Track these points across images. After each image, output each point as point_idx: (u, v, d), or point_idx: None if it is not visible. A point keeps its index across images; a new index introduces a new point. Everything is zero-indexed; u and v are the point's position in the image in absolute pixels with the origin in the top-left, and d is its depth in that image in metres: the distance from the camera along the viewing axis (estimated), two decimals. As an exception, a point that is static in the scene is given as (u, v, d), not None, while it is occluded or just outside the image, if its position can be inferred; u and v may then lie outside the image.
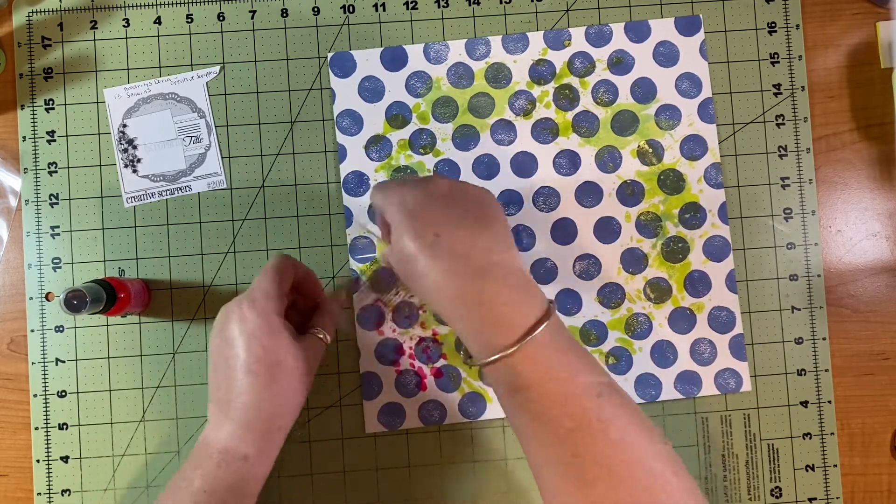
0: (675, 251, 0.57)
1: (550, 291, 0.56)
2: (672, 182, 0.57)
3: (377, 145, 0.57)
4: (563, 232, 0.57)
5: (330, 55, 0.57)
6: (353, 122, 0.57)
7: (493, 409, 0.56)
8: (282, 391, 0.45)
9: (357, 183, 0.56)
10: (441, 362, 0.56)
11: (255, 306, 0.45)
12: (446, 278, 0.41)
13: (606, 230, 0.57)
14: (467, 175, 0.57)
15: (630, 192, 0.57)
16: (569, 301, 0.56)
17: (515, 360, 0.40)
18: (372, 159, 0.56)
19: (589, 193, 0.57)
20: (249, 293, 0.46)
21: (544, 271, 0.56)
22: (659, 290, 0.57)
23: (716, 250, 0.57)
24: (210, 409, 0.46)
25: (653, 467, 0.38)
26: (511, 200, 0.57)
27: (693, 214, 0.57)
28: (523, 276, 0.43)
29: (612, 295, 0.57)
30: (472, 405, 0.56)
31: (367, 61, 0.57)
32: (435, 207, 0.43)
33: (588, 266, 0.57)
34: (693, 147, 0.57)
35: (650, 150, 0.57)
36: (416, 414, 0.55)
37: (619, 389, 0.41)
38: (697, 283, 0.57)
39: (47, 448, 0.55)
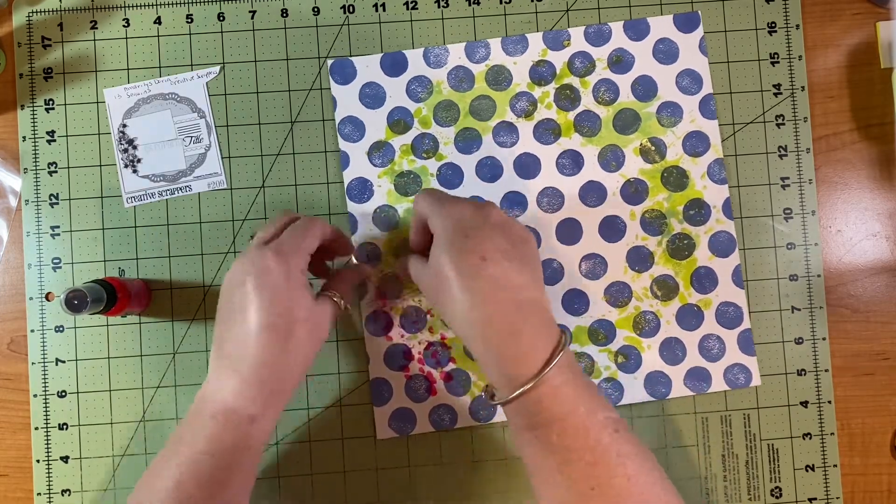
0: (681, 248, 0.57)
1: (557, 292, 0.56)
2: (675, 179, 0.57)
3: (380, 151, 0.57)
4: (568, 232, 0.57)
5: (330, 62, 0.56)
6: (354, 128, 0.56)
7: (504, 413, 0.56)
8: (297, 351, 0.43)
9: (361, 189, 0.56)
10: (450, 366, 0.56)
11: (281, 259, 0.43)
12: (482, 304, 0.42)
13: (611, 229, 0.57)
14: (470, 178, 0.57)
15: (634, 191, 0.57)
16: (576, 301, 0.56)
17: (540, 393, 0.41)
18: (375, 165, 0.56)
19: (593, 193, 0.57)
20: (276, 245, 0.44)
21: (550, 272, 0.56)
22: (666, 288, 0.57)
23: (721, 246, 0.57)
24: (214, 364, 0.43)
25: (665, 501, 0.40)
26: (515, 202, 0.57)
27: (697, 211, 0.57)
28: (548, 313, 0.44)
29: (619, 294, 0.57)
30: (482, 408, 0.56)
31: (367, 67, 0.57)
32: (487, 233, 0.43)
33: (594, 265, 0.57)
34: (696, 143, 0.57)
35: (653, 148, 0.57)
36: (427, 419, 0.55)
37: (627, 426, 0.42)
38: (704, 280, 0.57)
39: (47, 448, 0.55)
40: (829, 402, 0.57)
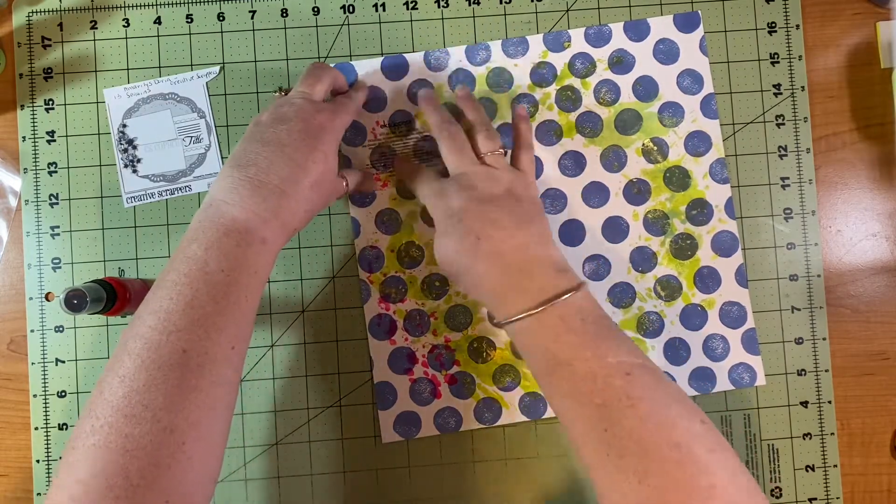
0: (684, 248, 0.57)
1: None
2: (678, 179, 0.57)
3: (382, 154, 0.56)
4: (572, 233, 0.57)
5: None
6: (356, 132, 0.56)
7: (509, 415, 0.56)
8: (310, 198, 0.47)
9: (363, 192, 0.56)
10: (454, 369, 0.56)
11: (331, 120, 0.48)
12: (486, 274, 0.46)
13: (614, 230, 0.57)
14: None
15: (636, 191, 0.57)
16: None
17: (543, 341, 0.43)
18: (377, 169, 0.56)
19: (595, 193, 0.57)
20: (332, 106, 0.49)
21: None
22: (669, 288, 0.57)
23: (724, 245, 0.57)
24: (234, 183, 0.44)
25: (682, 443, 0.39)
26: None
27: (700, 211, 0.57)
28: (559, 263, 0.47)
29: (622, 294, 0.57)
30: (487, 411, 0.56)
31: (368, 72, 0.56)
32: (476, 212, 0.47)
33: (598, 266, 0.57)
34: (697, 143, 0.57)
35: (655, 148, 0.57)
36: (432, 422, 0.55)
37: (655, 371, 0.43)
38: (707, 279, 0.57)
39: (47, 448, 0.55)
40: (829, 402, 0.57)
